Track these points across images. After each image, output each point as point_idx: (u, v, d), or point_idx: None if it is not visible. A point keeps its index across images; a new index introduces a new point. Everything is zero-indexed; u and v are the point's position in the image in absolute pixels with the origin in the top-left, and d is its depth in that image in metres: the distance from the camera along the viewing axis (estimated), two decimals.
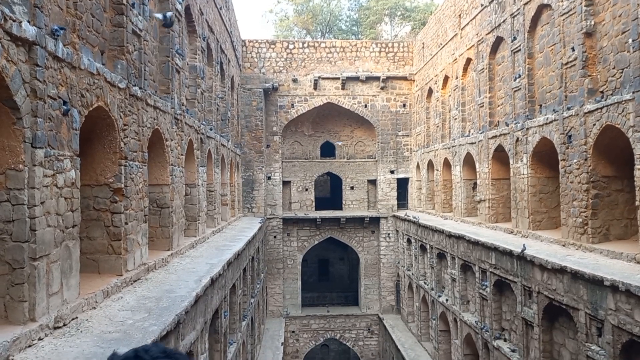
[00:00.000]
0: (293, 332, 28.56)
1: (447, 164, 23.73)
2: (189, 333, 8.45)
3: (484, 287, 16.11)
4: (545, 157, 15.28)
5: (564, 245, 13.51)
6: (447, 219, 23.05)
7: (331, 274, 35.66)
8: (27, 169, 5.71)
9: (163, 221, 11.91)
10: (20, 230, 5.62)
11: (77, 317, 6.63)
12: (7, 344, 5.06)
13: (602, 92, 12.18)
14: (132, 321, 6.73)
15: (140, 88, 9.61)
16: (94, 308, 7.22)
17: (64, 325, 6.27)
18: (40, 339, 5.69)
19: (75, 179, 6.91)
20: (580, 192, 12.86)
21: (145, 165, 9.88)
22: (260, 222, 23.90)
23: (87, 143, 8.26)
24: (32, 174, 5.76)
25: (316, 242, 29.72)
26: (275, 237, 28.86)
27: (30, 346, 5.47)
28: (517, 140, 16.36)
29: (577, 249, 12.89)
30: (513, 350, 14.24)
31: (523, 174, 16.03)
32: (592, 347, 10.41)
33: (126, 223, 8.75)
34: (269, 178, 28.81)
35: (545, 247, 13.70)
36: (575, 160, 13.03)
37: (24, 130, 5.65)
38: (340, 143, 30.73)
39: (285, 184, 29.70)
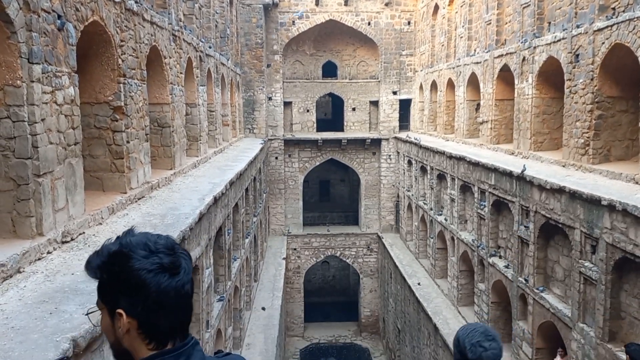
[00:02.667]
0: (295, 249, 29.37)
1: (450, 85, 23.37)
2: (193, 249, 8.69)
3: (482, 207, 16.37)
4: (551, 77, 15.02)
5: (564, 166, 13.58)
6: (448, 140, 23.03)
7: (332, 195, 36.16)
8: (25, 85, 5.64)
9: (165, 141, 11.92)
10: (22, 147, 5.63)
11: (84, 233, 6.80)
12: (17, 257, 5.22)
13: (613, 8, 11.76)
14: None
15: (135, 2, 9.29)
16: (100, 224, 7.39)
17: (72, 240, 6.44)
18: (49, 252, 5.86)
19: (75, 96, 6.84)
20: (584, 113, 12.75)
21: (144, 84, 9.75)
22: (262, 143, 23.92)
23: (85, 60, 8.10)
24: (30, 90, 5.69)
25: (317, 164, 29.88)
26: (276, 158, 28.98)
27: (39, 259, 5.64)
28: (524, 59, 16.01)
29: (577, 170, 12.97)
30: (507, 267, 14.70)
31: (527, 95, 15.83)
32: (585, 263, 10.73)
33: (128, 142, 8.76)
34: (270, 99, 28.50)
35: (545, 168, 13.79)
36: (581, 80, 12.82)
37: (19, 45, 5.52)
38: (337, 62, 30.06)
39: (287, 104, 29.40)
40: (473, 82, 20.66)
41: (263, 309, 18.45)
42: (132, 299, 1.40)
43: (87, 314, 1.57)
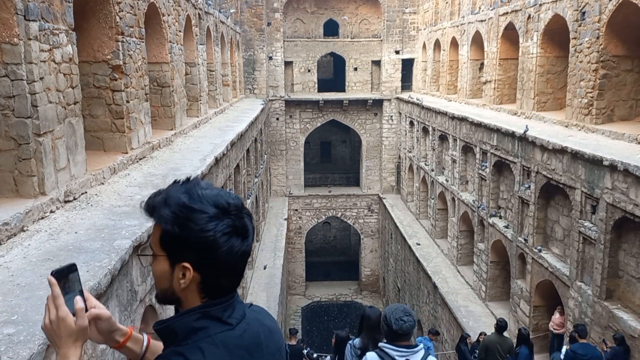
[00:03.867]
0: (296, 210, 29.55)
1: (454, 44, 23.01)
2: None
3: (483, 167, 16.36)
4: (556, 35, 14.77)
5: (566, 126, 13.51)
6: (451, 100, 22.83)
7: (333, 156, 36.13)
8: (23, 43, 5.56)
9: (165, 101, 11.83)
10: (21, 106, 5.59)
11: (86, 192, 6.82)
12: (20, 216, 5.25)
13: None
14: (140, 196, 6.90)
15: None
16: (102, 184, 7.40)
17: (74, 199, 6.47)
18: (52, 211, 5.90)
19: (73, 54, 6.75)
20: (589, 72, 12.60)
21: (143, 42, 9.61)
22: (262, 104, 23.74)
23: (82, 17, 7.96)
24: (28, 48, 5.61)
25: (318, 125, 29.72)
26: (277, 119, 28.81)
27: (42, 218, 5.68)
28: (529, 17, 15.71)
29: (579, 130, 12.91)
30: (507, 227, 14.81)
31: (532, 54, 15.60)
32: (585, 223, 10.80)
33: (127, 101, 8.69)
34: (271, 58, 28.12)
35: (547, 128, 13.72)
36: (586, 39, 12.60)
37: (14, 1, 5.41)
38: (345, 17, 29.49)
39: (287, 64, 29.02)
40: (477, 41, 20.33)
41: (265, 267, 18.70)
42: (201, 256, 1.43)
43: (139, 255, 1.63)
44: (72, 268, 1.53)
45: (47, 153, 5.93)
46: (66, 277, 1.50)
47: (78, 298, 1.50)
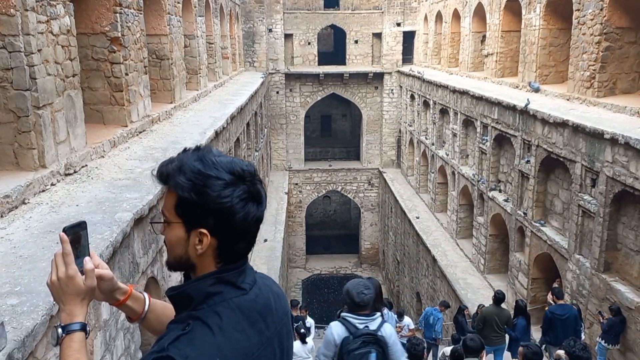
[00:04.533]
0: (296, 184, 29.60)
1: (456, 16, 22.70)
2: None
3: (484, 141, 16.33)
4: (559, 7, 14.57)
5: (568, 100, 13.43)
6: (452, 74, 22.65)
7: (333, 130, 36.01)
8: (20, 14, 5.49)
9: (164, 73, 11.74)
10: (20, 78, 5.56)
11: (86, 165, 6.82)
12: (21, 188, 5.27)
13: None
14: (140, 169, 6.91)
15: None
16: (102, 157, 7.40)
17: (75, 172, 6.47)
18: (52, 184, 5.91)
19: (71, 26, 6.67)
20: (592, 45, 12.46)
21: (141, 13, 9.49)
22: (262, 77, 23.57)
23: None
24: (25, 19, 5.55)
25: (319, 98, 29.54)
26: (277, 92, 28.62)
27: (43, 191, 5.69)
28: None
29: (581, 103, 12.84)
30: (506, 200, 14.85)
31: (535, 26, 15.41)
32: (584, 197, 10.83)
33: (126, 74, 8.63)
34: (270, 31, 27.79)
35: (549, 102, 13.64)
36: (590, 10, 12.44)
37: None
38: None
39: (287, 37, 28.69)
40: (479, 13, 20.07)
41: (265, 240, 18.82)
42: (218, 223, 1.45)
43: (151, 223, 1.62)
44: (82, 225, 1.56)
45: (47, 126, 5.91)
46: (76, 235, 1.52)
47: (87, 259, 1.53)
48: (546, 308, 9.94)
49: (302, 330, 9.56)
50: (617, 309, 9.48)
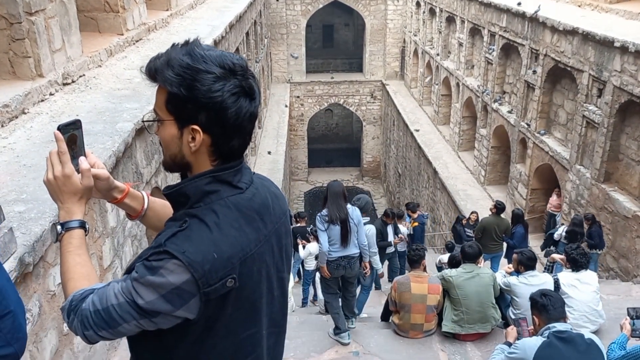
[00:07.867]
0: (298, 97, 29.23)
1: None
2: None
3: (490, 51, 15.91)
4: None
5: (579, 6, 12.94)
6: None
7: (336, 41, 35.04)
8: None
9: None
10: None
11: (84, 75, 6.69)
12: (20, 98, 5.19)
13: None
14: (139, 79, 6.78)
15: None
16: (100, 66, 7.24)
17: (73, 82, 6.36)
18: (51, 94, 5.82)
19: None
20: None
21: None
22: None
23: None
24: None
25: (320, 6, 28.43)
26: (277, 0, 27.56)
27: (42, 101, 5.62)
28: None
29: (593, 10, 12.38)
30: (510, 112, 14.72)
31: None
32: (589, 107, 10.70)
33: None
34: None
35: (560, 8, 13.15)
36: None
37: None
38: None
39: None
40: None
41: (269, 153, 18.92)
42: (210, 118, 1.41)
43: (143, 121, 1.61)
44: (77, 124, 1.53)
45: (41, 33, 5.73)
46: (72, 135, 1.51)
47: (82, 159, 1.52)
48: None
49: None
50: (592, 217, 9.53)
